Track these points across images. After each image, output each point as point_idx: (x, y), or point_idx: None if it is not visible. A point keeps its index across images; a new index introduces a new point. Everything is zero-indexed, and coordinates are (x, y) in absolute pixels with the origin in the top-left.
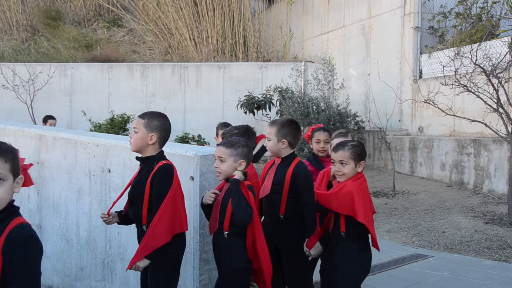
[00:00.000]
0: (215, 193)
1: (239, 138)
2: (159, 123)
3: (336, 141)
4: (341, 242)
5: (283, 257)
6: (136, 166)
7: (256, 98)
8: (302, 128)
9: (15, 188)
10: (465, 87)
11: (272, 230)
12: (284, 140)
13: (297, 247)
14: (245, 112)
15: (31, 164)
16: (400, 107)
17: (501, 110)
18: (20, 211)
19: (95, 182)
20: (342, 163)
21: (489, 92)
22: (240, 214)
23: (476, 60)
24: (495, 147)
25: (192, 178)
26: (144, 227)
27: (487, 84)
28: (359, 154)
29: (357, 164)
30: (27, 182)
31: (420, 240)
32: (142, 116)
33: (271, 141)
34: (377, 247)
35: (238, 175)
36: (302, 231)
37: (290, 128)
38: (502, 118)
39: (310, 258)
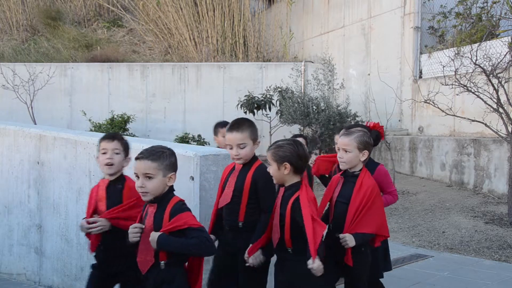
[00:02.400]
0: (139, 227)
1: (161, 146)
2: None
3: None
4: (288, 260)
5: (239, 268)
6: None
7: (256, 98)
8: (302, 128)
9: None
10: (465, 87)
11: (231, 239)
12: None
13: None
14: (245, 112)
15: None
16: (400, 107)
17: (501, 110)
18: (20, 211)
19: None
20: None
21: (489, 92)
22: (203, 252)
23: (476, 60)
24: (495, 147)
25: (192, 178)
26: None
27: (487, 84)
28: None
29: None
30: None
31: (420, 240)
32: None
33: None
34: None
35: (152, 236)
36: None
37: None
38: (502, 118)
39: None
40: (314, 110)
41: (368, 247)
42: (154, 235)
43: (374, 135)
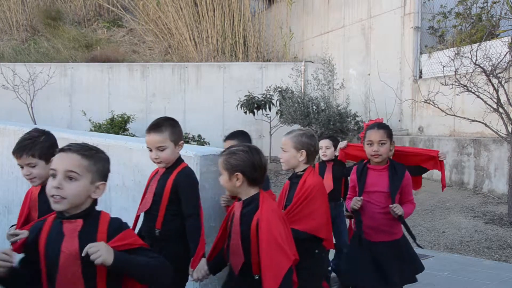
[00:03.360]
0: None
1: (92, 146)
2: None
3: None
4: None
5: None
6: (136, 166)
7: (256, 98)
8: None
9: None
10: (465, 87)
11: None
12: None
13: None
14: (245, 112)
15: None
16: (400, 107)
17: (501, 110)
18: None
19: None
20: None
21: (489, 92)
22: (164, 278)
23: (476, 60)
24: (495, 147)
25: None
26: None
27: (487, 84)
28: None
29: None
30: None
31: (420, 240)
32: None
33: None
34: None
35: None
36: (187, 249)
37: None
38: (502, 118)
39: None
40: (314, 110)
41: (322, 251)
42: (107, 249)
43: None
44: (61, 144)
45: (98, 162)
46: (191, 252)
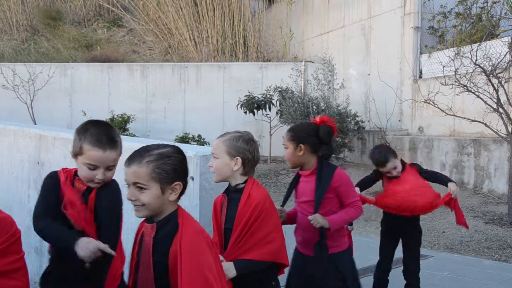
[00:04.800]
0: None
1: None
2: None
3: None
4: None
5: None
6: None
7: (256, 98)
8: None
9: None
10: (465, 87)
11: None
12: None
13: None
14: (245, 112)
15: None
16: (400, 107)
17: (501, 110)
18: (20, 211)
19: None
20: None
21: (489, 92)
22: None
23: (476, 60)
24: (495, 147)
25: (192, 178)
26: None
27: (487, 84)
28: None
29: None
30: None
31: None
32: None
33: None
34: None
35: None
36: None
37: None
38: (502, 118)
39: None
40: (314, 110)
41: (275, 281)
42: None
43: (325, 132)
44: (61, 143)
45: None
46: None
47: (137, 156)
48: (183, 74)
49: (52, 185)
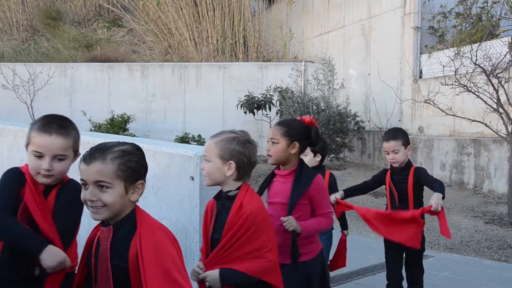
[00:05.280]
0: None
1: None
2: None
3: None
4: None
5: None
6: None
7: (256, 98)
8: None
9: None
10: (465, 87)
11: None
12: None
13: None
14: (245, 112)
15: None
16: (400, 107)
17: (501, 110)
18: None
19: None
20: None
21: (489, 92)
22: None
23: (476, 60)
24: (495, 147)
25: (192, 178)
26: None
27: (487, 84)
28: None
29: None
30: None
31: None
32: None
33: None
34: None
35: None
36: None
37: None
38: (502, 118)
39: None
40: (314, 110)
41: None
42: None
43: (316, 133)
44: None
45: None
46: None
47: (98, 152)
48: (183, 74)
49: (16, 180)
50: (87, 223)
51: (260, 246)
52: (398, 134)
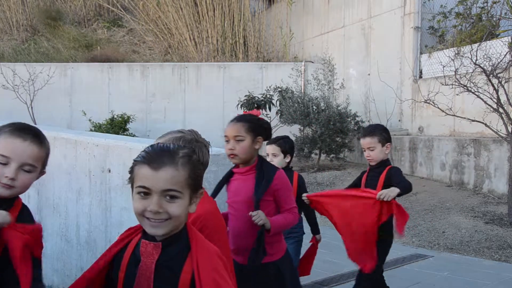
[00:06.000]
0: None
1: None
2: None
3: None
4: None
5: None
6: None
7: (256, 98)
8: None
9: None
10: (465, 87)
11: None
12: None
13: None
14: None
15: None
16: (400, 107)
17: (501, 110)
18: None
19: (95, 182)
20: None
21: (489, 92)
22: None
23: (476, 60)
24: (495, 147)
25: None
26: None
27: (487, 84)
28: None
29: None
30: None
31: (420, 240)
32: None
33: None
34: None
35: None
36: None
37: None
38: (502, 118)
39: None
40: (314, 110)
41: None
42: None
43: (268, 127)
44: (61, 143)
45: None
46: None
47: (167, 156)
48: (183, 74)
49: None
50: (87, 223)
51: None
52: (375, 130)
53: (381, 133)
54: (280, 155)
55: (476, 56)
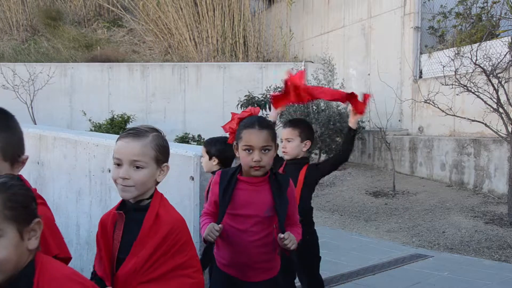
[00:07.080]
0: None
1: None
2: None
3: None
4: None
5: None
6: None
7: (256, 98)
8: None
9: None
10: (465, 87)
11: None
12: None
13: None
14: None
15: None
16: (400, 107)
17: (501, 110)
18: None
19: (95, 182)
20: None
21: (489, 92)
22: None
23: (476, 60)
24: (495, 147)
25: (192, 178)
26: None
27: (487, 84)
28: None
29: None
30: None
31: (420, 240)
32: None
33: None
34: None
35: None
36: None
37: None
38: (502, 118)
39: None
40: (314, 110)
41: None
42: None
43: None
44: (61, 143)
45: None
46: None
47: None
48: (183, 74)
49: None
50: (87, 223)
51: (190, 259)
52: (298, 123)
53: (305, 128)
54: (206, 156)
55: (476, 56)
